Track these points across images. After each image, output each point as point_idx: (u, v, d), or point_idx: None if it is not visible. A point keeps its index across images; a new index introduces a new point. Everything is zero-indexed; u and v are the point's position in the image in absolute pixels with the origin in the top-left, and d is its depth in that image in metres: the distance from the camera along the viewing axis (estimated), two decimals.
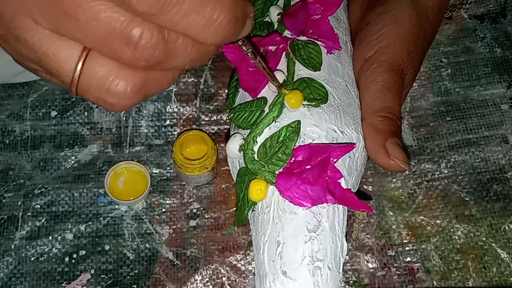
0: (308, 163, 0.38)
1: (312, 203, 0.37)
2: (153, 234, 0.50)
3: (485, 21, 0.60)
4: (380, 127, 0.41)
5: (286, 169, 0.39)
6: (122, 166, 0.51)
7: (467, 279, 0.49)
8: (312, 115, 0.40)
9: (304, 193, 0.37)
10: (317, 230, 0.37)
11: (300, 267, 0.36)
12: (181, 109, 0.56)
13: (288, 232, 0.37)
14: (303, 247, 0.36)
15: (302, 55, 0.43)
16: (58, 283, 0.48)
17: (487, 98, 0.56)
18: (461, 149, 0.54)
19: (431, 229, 0.51)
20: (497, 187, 0.52)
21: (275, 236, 0.37)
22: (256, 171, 0.39)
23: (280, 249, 0.37)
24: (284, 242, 0.37)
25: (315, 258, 0.36)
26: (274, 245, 0.37)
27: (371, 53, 0.44)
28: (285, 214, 0.38)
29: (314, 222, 0.37)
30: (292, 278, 0.36)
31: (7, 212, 0.51)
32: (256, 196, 0.39)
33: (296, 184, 0.37)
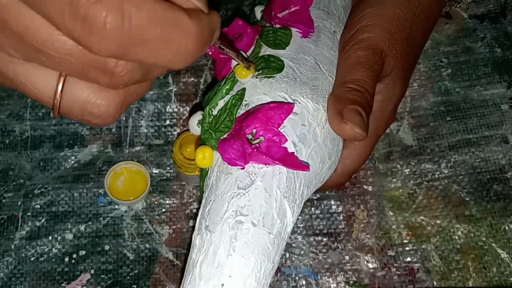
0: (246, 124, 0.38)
1: (245, 161, 0.37)
2: (153, 234, 0.50)
3: (485, 21, 0.60)
4: (343, 96, 0.40)
5: (229, 134, 0.39)
6: (122, 166, 0.51)
7: (467, 279, 0.49)
8: (263, 85, 0.40)
9: (238, 152, 0.37)
10: (248, 188, 0.37)
11: (221, 220, 0.36)
12: (181, 109, 0.56)
13: (218, 191, 0.37)
14: (228, 202, 0.36)
15: (269, 38, 0.43)
16: (58, 283, 0.48)
17: (487, 98, 0.56)
18: (461, 149, 0.54)
19: (431, 229, 0.50)
20: (497, 187, 0.52)
21: (209, 196, 0.38)
22: (206, 140, 0.40)
23: (209, 206, 0.37)
24: (214, 200, 0.37)
25: (239, 213, 0.36)
26: (207, 204, 0.37)
27: (351, 33, 0.43)
28: (221, 175, 0.38)
29: (247, 181, 0.37)
30: (211, 231, 0.36)
31: (7, 212, 0.51)
32: (202, 162, 0.39)
33: (232, 145, 0.37)
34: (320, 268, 0.49)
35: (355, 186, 0.52)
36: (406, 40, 0.44)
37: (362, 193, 0.52)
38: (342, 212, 0.51)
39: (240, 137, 0.37)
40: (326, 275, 0.49)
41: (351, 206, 0.52)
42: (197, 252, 0.36)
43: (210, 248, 0.35)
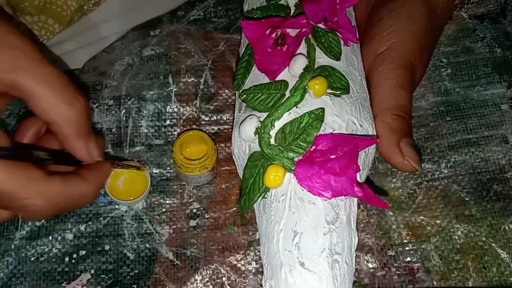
0: (333, 153, 0.37)
1: (332, 195, 0.36)
2: (153, 234, 0.50)
3: (485, 21, 0.60)
4: (394, 126, 0.41)
5: (306, 157, 0.37)
6: None
7: (467, 279, 0.49)
8: (334, 105, 0.39)
9: (326, 183, 0.36)
10: (335, 222, 0.36)
11: (319, 259, 0.35)
12: (181, 109, 0.56)
13: (307, 223, 0.35)
14: (322, 239, 0.35)
15: (323, 42, 0.42)
16: (58, 283, 0.48)
17: (487, 98, 0.56)
18: (461, 149, 0.54)
19: (431, 229, 0.51)
20: (497, 187, 0.52)
21: (291, 226, 0.36)
22: (274, 157, 0.38)
23: (298, 239, 0.35)
24: (302, 233, 0.35)
25: (334, 251, 0.35)
26: (290, 235, 0.36)
27: (383, 48, 0.43)
28: (303, 203, 0.36)
29: (333, 214, 0.36)
30: (311, 270, 0.35)
31: None
32: (273, 182, 0.37)
33: (318, 174, 0.36)
34: None
35: None
36: (428, 54, 0.46)
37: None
38: None
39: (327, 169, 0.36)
40: None
41: None
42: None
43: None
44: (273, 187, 0.37)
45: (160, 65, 0.58)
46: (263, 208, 0.39)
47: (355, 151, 0.37)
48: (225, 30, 0.59)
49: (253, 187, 0.39)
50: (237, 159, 0.43)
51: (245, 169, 0.40)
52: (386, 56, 0.43)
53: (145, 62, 0.58)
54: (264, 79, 0.42)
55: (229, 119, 0.55)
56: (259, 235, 0.40)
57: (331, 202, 0.37)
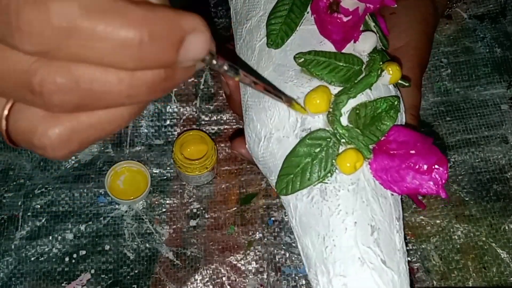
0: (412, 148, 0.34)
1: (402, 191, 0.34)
2: (153, 234, 0.51)
3: (485, 21, 0.60)
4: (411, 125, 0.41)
5: (379, 146, 0.34)
6: (122, 166, 0.51)
7: (467, 279, 0.49)
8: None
9: (401, 178, 0.33)
10: (399, 220, 0.35)
11: (399, 258, 0.33)
12: (181, 109, 0.56)
13: (383, 218, 0.33)
14: (397, 237, 0.33)
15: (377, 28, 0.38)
16: (58, 283, 0.48)
17: (487, 98, 0.56)
18: (461, 149, 0.54)
19: (431, 229, 0.51)
20: (497, 187, 0.52)
21: (368, 220, 0.33)
22: (350, 139, 0.34)
23: (376, 235, 0.33)
24: (380, 228, 0.33)
25: (403, 250, 0.34)
26: (368, 229, 0.33)
27: (401, 43, 0.43)
28: (376, 196, 0.34)
29: (399, 211, 0.35)
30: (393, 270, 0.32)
31: (7, 212, 0.51)
32: (349, 168, 0.33)
33: (397, 167, 0.33)
34: None
35: None
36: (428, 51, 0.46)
37: None
38: None
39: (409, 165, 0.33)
40: None
41: None
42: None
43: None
44: (347, 173, 0.33)
45: None
46: (321, 194, 0.34)
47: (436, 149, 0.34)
48: (225, 30, 0.59)
49: (310, 168, 0.34)
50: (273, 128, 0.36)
51: (299, 145, 0.34)
52: (403, 53, 0.43)
53: None
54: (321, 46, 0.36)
55: (229, 119, 0.55)
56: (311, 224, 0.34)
57: (396, 198, 0.35)
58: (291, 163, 0.34)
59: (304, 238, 0.35)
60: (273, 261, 0.49)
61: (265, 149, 0.37)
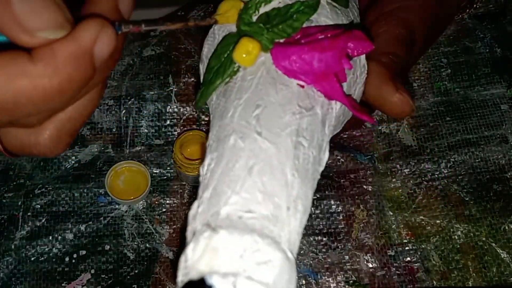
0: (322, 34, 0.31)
1: (312, 80, 0.30)
2: (153, 234, 0.51)
3: (485, 21, 0.60)
4: (389, 64, 0.38)
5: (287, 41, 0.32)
6: (122, 166, 0.51)
7: (467, 279, 0.49)
8: (329, 10, 0.35)
9: (307, 65, 0.30)
10: (309, 111, 0.30)
11: (282, 133, 0.29)
12: (181, 109, 0.56)
13: (275, 99, 0.30)
14: (289, 117, 0.29)
15: None
16: (58, 283, 0.48)
17: (487, 98, 0.56)
18: (461, 149, 0.54)
19: (431, 229, 0.51)
20: (497, 187, 0.52)
21: (255, 100, 0.30)
22: (251, 33, 0.32)
23: (259, 111, 0.29)
24: (266, 106, 0.29)
25: (301, 135, 0.29)
26: (251, 107, 0.29)
27: (389, 8, 0.43)
28: (274, 82, 0.30)
29: (307, 103, 0.30)
30: (270, 140, 0.28)
31: (7, 212, 0.51)
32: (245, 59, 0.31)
33: (300, 52, 0.30)
34: (320, 267, 0.49)
35: (355, 186, 0.52)
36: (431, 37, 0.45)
37: (362, 193, 0.52)
38: (342, 212, 0.51)
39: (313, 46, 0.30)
40: (326, 275, 0.49)
41: (351, 206, 0.52)
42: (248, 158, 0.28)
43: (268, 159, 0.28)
44: (244, 63, 0.31)
45: (160, 65, 0.58)
46: (223, 93, 0.32)
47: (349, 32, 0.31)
48: None
49: (217, 72, 0.32)
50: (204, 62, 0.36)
51: (211, 58, 0.33)
52: (389, 14, 0.42)
53: (146, 62, 0.58)
54: None
55: None
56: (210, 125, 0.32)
57: (307, 92, 0.31)
58: (205, 78, 0.33)
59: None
60: None
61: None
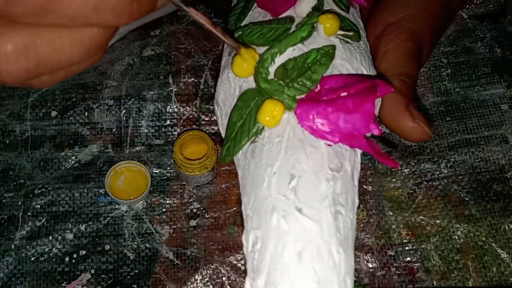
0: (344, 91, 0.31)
1: (340, 138, 0.30)
2: (153, 234, 0.51)
3: (485, 21, 0.60)
4: (403, 90, 0.38)
5: (309, 96, 0.32)
6: (122, 166, 0.51)
7: (467, 279, 0.49)
8: (343, 49, 0.34)
9: (333, 124, 0.30)
10: (340, 172, 0.30)
11: (321, 206, 0.29)
12: (181, 109, 0.56)
13: (307, 166, 0.30)
14: (324, 185, 0.29)
15: None
16: (58, 283, 0.48)
17: (487, 98, 0.56)
18: (461, 149, 0.54)
19: (431, 229, 0.51)
20: (497, 187, 0.52)
21: (287, 168, 0.30)
22: (272, 92, 0.32)
23: (295, 183, 0.29)
24: (301, 176, 0.29)
25: (337, 201, 0.29)
26: (286, 178, 0.29)
27: (395, 19, 0.42)
28: (303, 146, 0.30)
29: (337, 162, 0.30)
30: (311, 217, 0.28)
31: (7, 212, 0.51)
32: (269, 121, 0.31)
33: (324, 112, 0.30)
34: None
35: None
36: (435, 39, 0.44)
37: (362, 193, 0.52)
38: None
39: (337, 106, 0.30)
40: None
41: None
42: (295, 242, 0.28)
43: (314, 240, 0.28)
44: (269, 126, 0.31)
45: (160, 65, 0.58)
46: (251, 153, 0.32)
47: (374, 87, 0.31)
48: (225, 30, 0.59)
49: (241, 130, 0.32)
50: (221, 106, 0.36)
51: (232, 111, 0.33)
52: (397, 26, 0.41)
53: (145, 62, 0.58)
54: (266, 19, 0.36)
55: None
56: (242, 186, 0.32)
57: (334, 150, 0.31)
58: (228, 132, 0.33)
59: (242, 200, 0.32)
60: None
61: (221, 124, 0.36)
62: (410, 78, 0.39)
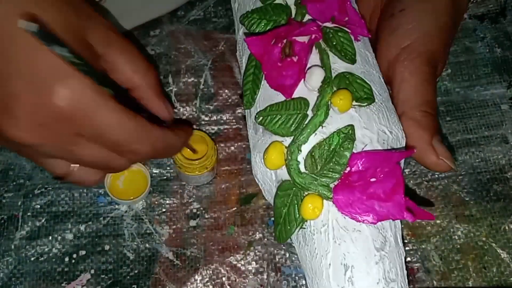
0: (372, 175, 0.34)
1: (378, 219, 0.33)
2: (153, 234, 0.50)
3: (485, 21, 0.60)
4: (424, 123, 0.39)
5: (342, 181, 0.35)
6: None
7: (467, 279, 0.49)
8: (361, 117, 0.36)
9: (369, 208, 0.33)
10: (385, 247, 0.34)
11: None
12: (181, 109, 0.56)
13: (356, 254, 0.33)
14: (375, 269, 0.33)
15: (335, 45, 0.38)
16: (58, 283, 0.48)
17: (487, 98, 0.56)
18: (461, 149, 0.54)
19: (431, 229, 0.51)
20: (497, 187, 0.52)
21: (340, 259, 0.34)
22: (307, 186, 0.35)
23: (350, 273, 0.33)
24: (353, 266, 0.33)
25: (389, 279, 0.33)
26: (341, 269, 0.34)
27: (407, 42, 0.41)
28: (347, 232, 0.34)
29: (380, 238, 0.34)
30: None
31: (7, 212, 0.51)
32: (311, 214, 0.34)
33: (360, 200, 0.33)
34: None
35: None
36: (450, 46, 0.44)
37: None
38: None
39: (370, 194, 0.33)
40: None
41: None
42: None
43: None
44: (313, 219, 0.35)
45: (160, 65, 0.58)
46: (303, 239, 0.36)
47: (397, 171, 0.34)
48: (225, 30, 0.59)
49: (288, 217, 0.36)
50: (261, 183, 0.41)
51: (275, 198, 0.37)
52: (411, 50, 0.41)
53: None
54: (278, 96, 0.38)
55: (229, 119, 0.55)
56: (303, 267, 0.38)
57: (376, 226, 0.34)
58: (275, 214, 0.37)
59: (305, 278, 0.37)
60: (273, 261, 0.49)
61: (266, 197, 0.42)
62: (430, 105, 0.40)
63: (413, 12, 0.43)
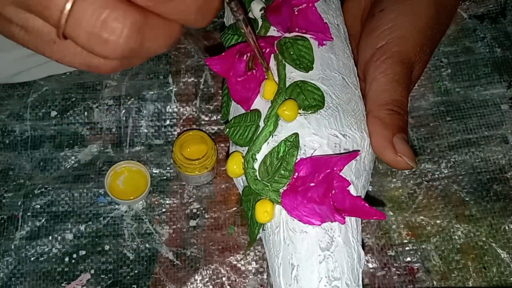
0: (312, 180, 0.36)
1: (321, 221, 0.35)
2: (153, 234, 0.50)
3: (485, 21, 0.60)
4: (388, 121, 0.39)
5: (291, 185, 0.37)
6: (122, 166, 0.51)
7: (467, 279, 0.49)
8: (310, 123, 0.38)
9: (312, 211, 0.35)
10: (331, 247, 0.36)
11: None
12: (181, 109, 0.56)
13: (301, 254, 0.36)
14: (318, 268, 0.35)
15: (292, 55, 0.40)
16: (58, 283, 0.48)
17: (487, 98, 0.56)
18: (461, 149, 0.54)
19: (431, 229, 0.51)
20: (497, 187, 0.52)
21: (288, 259, 0.36)
22: (260, 192, 0.38)
23: (295, 272, 0.36)
24: (299, 265, 0.35)
25: (332, 278, 0.35)
26: (288, 268, 0.36)
27: (383, 42, 0.42)
28: (295, 234, 0.36)
29: (327, 239, 0.36)
30: None
31: (7, 212, 0.51)
32: (264, 218, 0.37)
33: (302, 203, 0.36)
34: None
35: None
36: (431, 49, 0.44)
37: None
38: None
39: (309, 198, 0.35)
40: None
41: None
42: None
43: None
44: (266, 222, 0.38)
45: (160, 65, 0.58)
46: (265, 241, 0.39)
47: (331, 177, 0.35)
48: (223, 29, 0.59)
49: (251, 220, 0.39)
50: (239, 188, 0.43)
51: (242, 202, 0.41)
52: (385, 50, 0.41)
53: (145, 62, 0.58)
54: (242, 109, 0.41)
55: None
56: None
57: (323, 227, 0.36)
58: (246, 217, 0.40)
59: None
60: None
61: None
62: (397, 104, 0.40)
63: (391, 13, 0.43)
